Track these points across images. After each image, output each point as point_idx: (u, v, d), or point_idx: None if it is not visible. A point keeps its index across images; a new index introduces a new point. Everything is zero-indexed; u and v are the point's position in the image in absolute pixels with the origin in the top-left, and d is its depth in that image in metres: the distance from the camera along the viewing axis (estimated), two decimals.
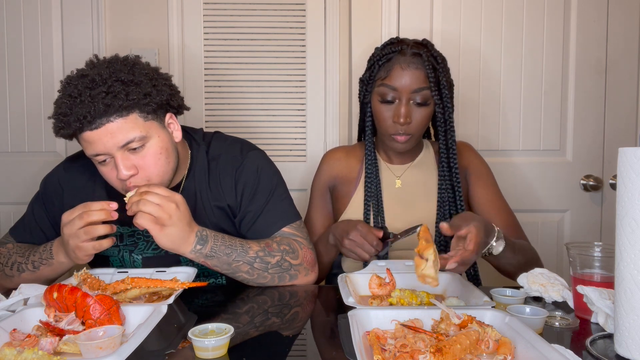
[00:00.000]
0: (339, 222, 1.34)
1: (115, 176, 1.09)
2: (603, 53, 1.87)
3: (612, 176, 1.89)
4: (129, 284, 0.99)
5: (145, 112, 1.09)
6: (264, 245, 1.16)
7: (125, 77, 1.07)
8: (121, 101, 1.04)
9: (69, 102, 1.05)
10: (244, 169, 1.25)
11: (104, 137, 1.05)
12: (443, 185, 1.37)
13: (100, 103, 1.02)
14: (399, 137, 1.32)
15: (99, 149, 1.06)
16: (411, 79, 1.28)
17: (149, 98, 1.08)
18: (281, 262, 1.16)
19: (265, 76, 1.92)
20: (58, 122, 1.07)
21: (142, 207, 1.01)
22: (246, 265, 1.13)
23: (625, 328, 0.76)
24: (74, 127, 1.04)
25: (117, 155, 1.07)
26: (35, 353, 0.72)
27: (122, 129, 1.05)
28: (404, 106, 1.29)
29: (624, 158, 0.76)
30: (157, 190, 1.04)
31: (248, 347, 0.84)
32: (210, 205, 1.24)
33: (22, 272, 1.17)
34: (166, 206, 1.02)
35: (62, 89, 1.09)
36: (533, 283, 1.06)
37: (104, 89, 1.04)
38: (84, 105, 1.03)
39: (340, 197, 1.44)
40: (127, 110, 1.06)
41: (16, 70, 1.90)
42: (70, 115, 1.04)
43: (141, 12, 1.89)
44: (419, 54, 1.30)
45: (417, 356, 0.70)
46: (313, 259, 1.23)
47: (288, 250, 1.18)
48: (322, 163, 1.49)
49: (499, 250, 1.14)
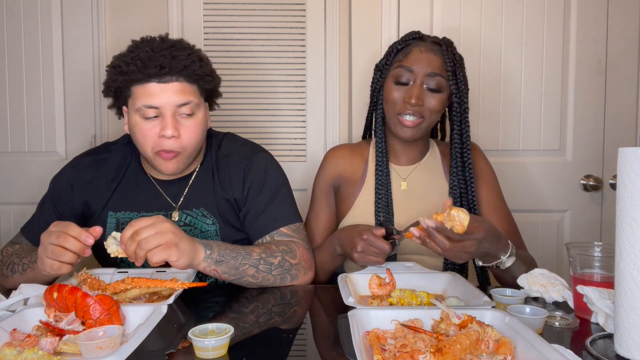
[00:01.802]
0: (341, 231, 1.29)
1: (157, 133, 1.15)
2: (603, 53, 1.87)
3: (612, 176, 1.89)
4: (129, 284, 0.99)
5: (202, 89, 1.21)
6: (264, 247, 1.18)
7: (201, 54, 1.22)
8: (195, 69, 1.16)
9: (149, 53, 1.14)
10: (252, 167, 1.30)
11: (168, 92, 1.14)
12: (455, 182, 1.35)
13: (180, 62, 1.14)
14: (407, 120, 1.29)
15: (157, 102, 1.14)
16: (428, 62, 1.28)
17: (209, 79, 1.22)
18: (282, 263, 1.17)
19: (265, 76, 1.92)
20: (133, 65, 1.13)
21: (145, 246, 0.99)
22: (252, 268, 1.13)
23: (625, 328, 0.76)
24: (146, 73, 1.12)
25: (168, 114, 1.15)
26: (35, 353, 0.72)
27: (185, 91, 1.16)
28: (417, 87, 1.28)
29: (624, 158, 0.76)
30: (142, 224, 1.01)
31: (248, 347, 0.84)
32: (219, 197, 1.28)
33: (14, 274, 1.18)
34: (162, 228, 1.01)
35: (140, 42, 1.18)
36: (533, 284, 1.06)
37: (186, 53, 1.16)
38: (165, 58, 1.13)
39: (343, 197, 1.41)
40: (194, 79, 1.17)
41: (16, 70, 1.90)
42: (148, 62, 1.12)
43: (141, 13, 1.89)
44: (438, 44, 1.31)
45: (417, 356, 0.70)
46: (310, 258, 1.25)
47: (287, 250, 1.19)
48: (325, 161, 1.45)
49: (507, 265, 1.13)
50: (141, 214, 1.27)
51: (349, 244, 1.17)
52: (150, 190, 1.29)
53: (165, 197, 1.29)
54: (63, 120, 1.91)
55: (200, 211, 1.28)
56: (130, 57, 1.15)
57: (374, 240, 1.12)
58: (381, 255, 1.13)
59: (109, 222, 1.28)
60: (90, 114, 1.91)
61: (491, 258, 1.12)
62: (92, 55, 1.89)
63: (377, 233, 1.13)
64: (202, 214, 1.28)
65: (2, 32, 1.89)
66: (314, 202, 1.45)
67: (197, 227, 1.27)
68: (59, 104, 1.90)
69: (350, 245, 1.16)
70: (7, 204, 1.94)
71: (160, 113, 1.15)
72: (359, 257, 1.14)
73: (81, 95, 1.91)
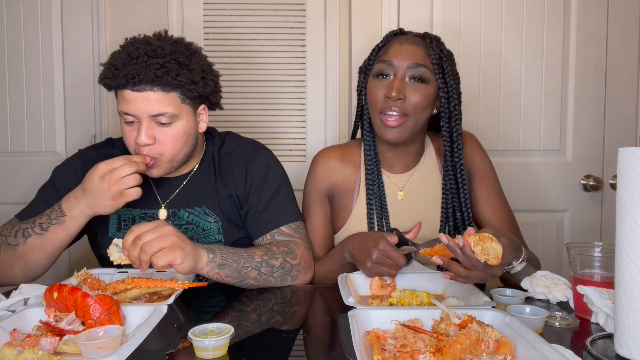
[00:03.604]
0: (352, 238, 1.19)
1: (134, 138, 1.16)
2: (603, 53, 1.87)
3: (612, 176, 1.89)
4: (129, 284, 0.99)
5: (184, 96, 1.17)
6: (265, 249, 1.18)
7: (182, 60, 1.15)
8: (170, 78, 1.12)
9: (125, 59, 1.13)
10: (255, 163, 1.30)
11: (141, 101, 1.13)
12: (447, 186, 1.28)
13: (151, 71, 1.11)
14: (390, 119, 1.20)
15: (132, 109, 1.13)
16: (409, 52, 1.21)
17: (194, 86, 1.17)
18: (284, 264, 1.17)
19: (265, 76, 1.92)
20: (108, 72, 1.15)
21: (149, 249, 0.98)
22: (254, 270, 1.14)
23: (625, 328, 0.76)
24: (119, 82, 1.12)
25: (144, 121, 1.14)
26: (35, 353, 0.72)
27: (159, 101, 1.13)
28: (398, 80, 1.20)
29: (624, 158, 0.76)
30: (143, 228, 1.00)
31: (248, 347, 0.84)
32: (222, 194, 1.29)
33: (28, 237, 1.14)
34: (164, 231, 1.00)
35: (124, 46, 1.17)
36: (537, 285, 1.06)
37: (160, 61, 1.12)
38: (137, 67, 1.11)
39: (339, 209, 1.34)
40: (170, 87, 1.14)
41: (16, 70, 1.89)
42: (121, 70, 1.12)
43: (141, 13, 1.89)
44: (421, 36, 1.26)
45: (417, 356, 0.70)
46: (310, 257, 1.25)
47: (287, 251, 1.20)
48: (315, 166, 1.36)
49: (517, 270, 1.09)
50: (142, 210, 1.28)
51: (363, 252, 1.09)
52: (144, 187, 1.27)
53: (156, 195, 1.29)
54: (63, 120, 1.91)
55: (203, 209, 1.28)
56: (109, 62, 1.16)
57: (390, 250, 1.05)
58: (395, 267, 1.06)
59: (111, 219, 1.29)
60: (90, 113, 1.91)
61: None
62: (92, 55, 1.89)
63: (391, 240, 1.06)
64: (204, 212, 1.28)
65: (2, 32, 1.89)
66: (308, 212, 1.36)
67: (200, 226, 1.27)
68: (59, 104, 1.90)
69: (364, 253, 1.09)
70: (7, 204, 1.93)
71: (136, 120, 1.15)
72: (373, 266, 1.07)
73: (81, 95, 1.91)
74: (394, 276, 1.08)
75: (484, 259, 0.91)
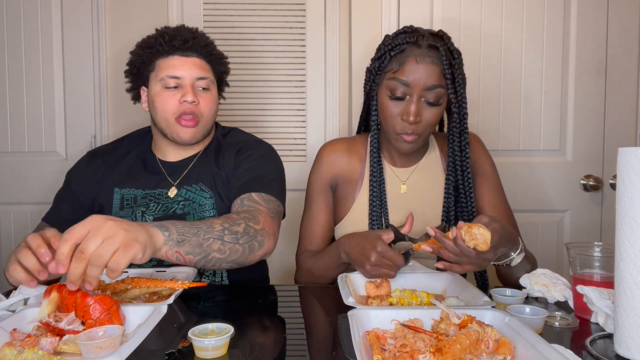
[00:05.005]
0: (348, 238, 1.17)
1: (177, 99, 1.28)
2: (603, 53, 1.87)
3: (612, 176, 1.89)
4: (129, 284, 0.99)
5: (214, 70, 1.37)
6: (224, 218, 1.08)
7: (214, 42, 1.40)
8: (212, 51, 1.35)
9: (174, 30, 1.31)
10: (255, 151, 1.36)
11: (189, 65, 1.30)
12: (450, 186, 1.28)
13: (201, 41, 1.32)
14: (407, 137, 1.22)
15: (180, 72, 1.28)
16: (426, 74, 1.17)
17: (223, 62, 1.40)
18: (247, 229, 1.08)
19: (265, 76, 1.93)
20: (161, 38, 1.29)
21: (100, 261, 0.81)
22: (217, 241, 1.02)
23: (625, 328, 0.76)
24: (172, 45, 1.29)
25: (188, 83, 1.29)
26: (35, 353, 0.72)
27: (203, 67, 1.32)
28: (414, 104, 1.19)
29: (623, 158, 0.76)
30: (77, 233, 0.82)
31: (248, 347, 0.84)
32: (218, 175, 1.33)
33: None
34: (106, 230, 0.83)
35: (161, 30, 1.33)
36: (535, 283, 1.06)
37: (205, 38, 1.36)
38: (190, 34, 1.31)
39: (341, 198, 1.36)
40: (210, 59, 1.35)
41: (16, 70, 1.90)
42: (175, 36, 1.29)
43: (141, 13, 1.89)
44: (435, 47, 1.18)
45: (417, 356, 0.70)
46: (274, 225, 1.17)
47: (248, 217, 1.11)
48: (321, 157, 1.38)
49: (517, 261, 1.09)
50: (145, 191, 1.33)
51: (360, 254, 1.09)
52: (154, 169, 1.37)
53: (166, 176, 1.35)
54: (63, 121, 1.91)
55: (199, 186, 1.33)
56: (156, 35, 1.31)
57: (387, 251, 1.05)
58: (394, 268, 1.06)
59: (114, 199, 1.32)
60: (90, 114, 1.91)
61: (503, 257, 1.09)
62: (92, 55, 1.89)
63: (388, 237, 1.07)
64: (200, 189, 1.32)
65: (2, 32, 1.89)
66: (310, 201, 1.37)
67: (196, 202, 1.31)
68: (59, 104, 1.90)
69: (362, 256, 1.08)
70: (7, 204, 1.94)
71: (180, 84, 1.28)
72: (372, 269, 1.06)
73: (81, 95, 1.91)
74: (394, 277, 1.08)
75: (472, 245, 0.94)
